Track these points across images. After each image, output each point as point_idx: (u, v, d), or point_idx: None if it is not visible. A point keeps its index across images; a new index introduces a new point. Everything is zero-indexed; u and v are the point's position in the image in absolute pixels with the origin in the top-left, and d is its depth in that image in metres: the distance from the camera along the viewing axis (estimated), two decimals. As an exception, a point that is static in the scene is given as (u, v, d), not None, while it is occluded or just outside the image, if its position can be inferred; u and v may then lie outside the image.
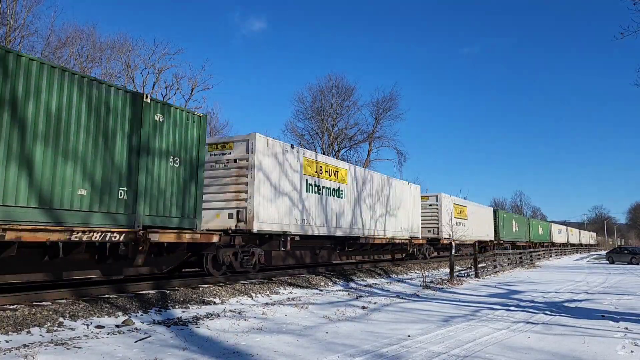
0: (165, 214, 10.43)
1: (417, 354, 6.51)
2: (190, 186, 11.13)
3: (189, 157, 11.17)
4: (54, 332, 7.04)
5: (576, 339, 7.66)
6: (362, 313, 10.19)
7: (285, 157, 14.78)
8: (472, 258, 21.91)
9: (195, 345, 6.74)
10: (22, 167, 7.81)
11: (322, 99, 48.33)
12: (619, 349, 7.03)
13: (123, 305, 8.86)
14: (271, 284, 13.02)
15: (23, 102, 7.93)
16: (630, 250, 37.65)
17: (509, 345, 7.19)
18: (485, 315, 10.14)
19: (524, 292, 15.06)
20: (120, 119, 9.56)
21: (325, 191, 16.73)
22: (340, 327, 8.49)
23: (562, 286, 17.16)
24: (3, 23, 27.30)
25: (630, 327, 8.79)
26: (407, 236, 23.30)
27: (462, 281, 17.97)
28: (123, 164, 9.54)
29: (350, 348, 6.81)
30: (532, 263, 31.98)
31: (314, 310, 10.26)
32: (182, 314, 9.06)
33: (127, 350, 6.25)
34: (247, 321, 8.66)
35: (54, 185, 8.27)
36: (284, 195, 14.50)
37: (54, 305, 8.08)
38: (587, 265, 34.56)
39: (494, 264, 23.55)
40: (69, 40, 32.09)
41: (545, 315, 10.22)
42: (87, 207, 8.79)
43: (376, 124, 48.15)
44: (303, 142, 46.65)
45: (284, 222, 14.42)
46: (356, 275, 17.34)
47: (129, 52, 36.04)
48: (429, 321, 9.25)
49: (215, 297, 10.76)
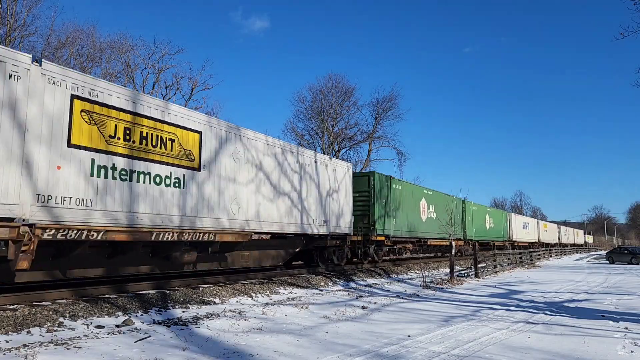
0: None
1: (417, 354, 6.51)
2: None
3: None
4: (54, 332, 7.04)
5: (576, 339, 7.66)
6: (362, 313, 10.18)
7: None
8: (472, 258, 21.92)
9: (195, 345, 6.74)
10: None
11: (322, 99, 48.32)
12: (619, 349, 7.03)
13: (123, 305, 8.86)
14: (271, 284, 13.02)
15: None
16: (630, 250, 37.63)
17: (509, 345, 7.19)
18: (486, 315, 10.14)
19: (524, 292, 15.06)
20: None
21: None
22: (341, 327, 8.48)
23: (562, 286, 17.16)
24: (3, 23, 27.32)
25: (630, 327, 8.79)
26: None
27: (462, 281, 17.98)
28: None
29: (350, 348, 6.81)
30: (532, 263, 32.03)
31: (314, 310, 10.26)
32: (182, 314, 9.06)
33: (127, 350, 6.24)
34: (247, 321, 8.66)
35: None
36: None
37: (54, 305, 8.09)
38: (587, 265, 34.56)
39: (494, 264, 23.59)
40: (69, 40, 32.11)
41: (546, 315, 10.22)
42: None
43: (376, 124, 48.11)
44: (303, 142, 46.66)
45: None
46: (356, 275, 17.34)
47: (129, 52, 36.04)
48: (429, 321, 9.25)
49: (215, 297, 10.76)
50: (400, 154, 48.04)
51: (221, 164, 11.80)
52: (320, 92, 48.41)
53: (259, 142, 13.28)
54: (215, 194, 11.52)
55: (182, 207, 10.52)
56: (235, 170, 12.29)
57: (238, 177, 12.35)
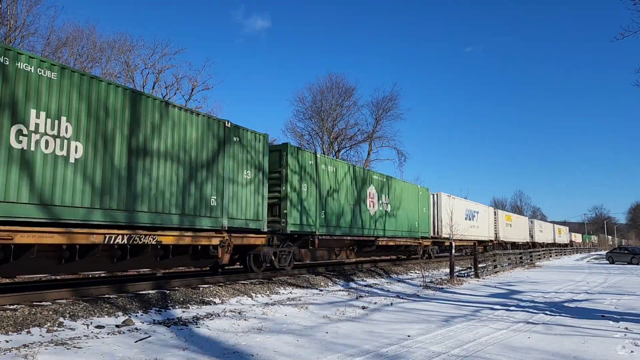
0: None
1: (417, 354, 6.51)
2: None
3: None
4: (54, 332, 7.04)
5: (576, 339, 7.66)
6: (362, 313, 10.18)
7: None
8: (472, 258, 21.92)
9: (195, 345, 6.74)
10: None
11: (322, 99, 48.37)
12: (619, 349, 7.03)
13: (123, 305, 8.86)
14: (271, 284, 13.02)
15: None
16: (630, 250, 37.63)
17: (509, 345, 7.19)
18: (486, 315, 10.14)
19: (524, 292, 15.06)
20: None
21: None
22: (341, 327, 8.48)
23: (562, 286, 17.16)
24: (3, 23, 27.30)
25: (630, 327, 8.79)
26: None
27: (462, 281, 17.98)
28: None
29: (350, 348, 6.81)
30: (532, 263, 32.05)
31: (314, 310, 10.26)
32: (182, 314, 9.06)
33: (127, 350, 6.24)
34: (247, 321, 8.66)
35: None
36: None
37: (54, 305, 8.08)
38: (587, 265, 34.56)
39: (494, 264, 23.59)
40: (69, 40, 32.11)
41: (546, 315, 10.21)
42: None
43: (376, 124, 48.15)
44: (303, 142, 46.68)
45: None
46: (356, 275, 17.34)
47: (129, 52, 36.05)
48: (429, 321, 9.25)
49: (215, 297, 10.76)
50: (400, 154, 48.15)
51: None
52: (320, 92, 48.50)
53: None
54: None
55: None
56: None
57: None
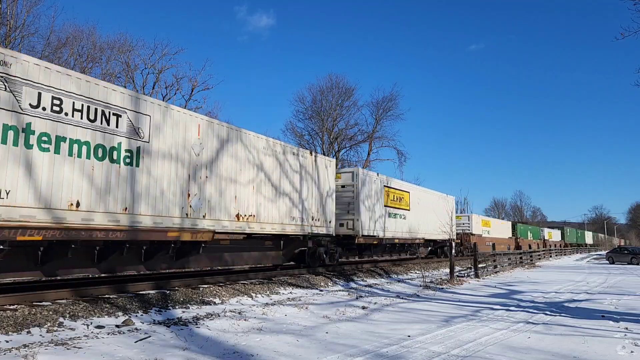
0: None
1: (417, 354, 6.50)
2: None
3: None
4: (54, 332, 7.04)
5: (576, 339, 7.66)
6: (362, 313, 10.18)
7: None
8: (472, 258, 21.92)
9: (195, 345, 6.74)
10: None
11: (322, 99, 48.29)
12: (619, 349, 7.03)
13: (123, 305, 8.86)
14: (271, 284, 13.02)
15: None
16: (630, 250, 37.66)
17: (509, 345, 7.19)
18: (486, 316, 10.14)
19: (524, 292, 15.06)
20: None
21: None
22: (341, 327, 8.48)
23: (562, 286, 17.16)
24: (3, 23, 27.30)
25: (630, 327, 8.79)
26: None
27: (462, 281, 17.97)
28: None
29: (350, 348, 6.81)
30: (532, 263, 32.05)
31: (314, 310, 10.26)
32: (182, 314, 9.06)
33: (127, 351, 6.24)
34: (247, 321, 8.66)
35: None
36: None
37: (54, 305, 8.08)
38: (587, 265, 34.56)
39: (494, 264, 23.59)
40: (69, 40, 32.08)
41: (546, 315, 10.21)
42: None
43: (376, 124, 48.10)
44: (303, 142, 46.64)
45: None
46: (356, 275, 17.33)
47: (129, 52, 35.99)
48: (429, 321, 9.25)
49: (216, 297, 10.76)
50: (400, 154, 48.09)
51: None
52: (320, 92, 48.43)
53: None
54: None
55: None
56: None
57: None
